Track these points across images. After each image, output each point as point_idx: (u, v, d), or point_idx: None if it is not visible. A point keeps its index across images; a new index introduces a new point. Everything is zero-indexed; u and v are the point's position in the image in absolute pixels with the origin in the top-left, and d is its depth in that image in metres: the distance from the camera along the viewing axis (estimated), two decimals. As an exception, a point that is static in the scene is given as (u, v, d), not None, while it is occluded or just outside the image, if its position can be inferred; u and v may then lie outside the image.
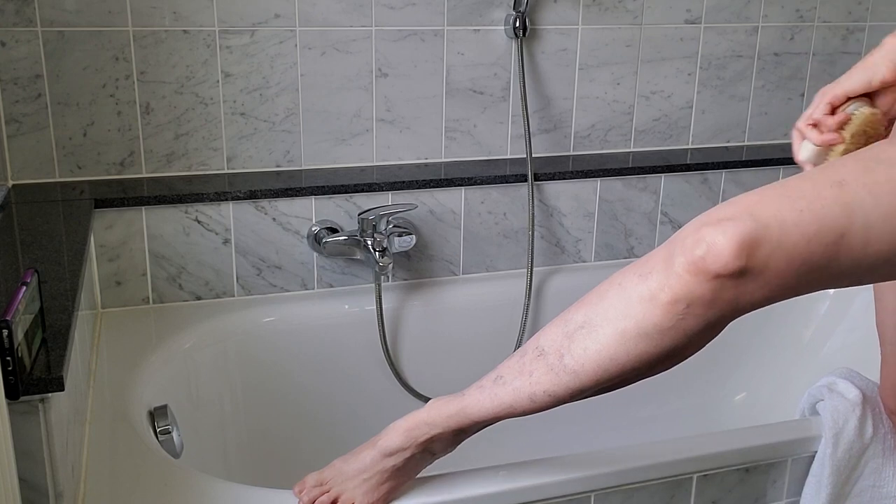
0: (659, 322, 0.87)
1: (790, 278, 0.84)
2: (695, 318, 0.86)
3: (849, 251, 0.83)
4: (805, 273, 0.84)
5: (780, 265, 0.83)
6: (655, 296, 0.86)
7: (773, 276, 0.83)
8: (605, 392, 0.99)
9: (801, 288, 0.86)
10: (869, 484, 1.28)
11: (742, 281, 0.83)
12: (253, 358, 1.61)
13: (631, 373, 0.92)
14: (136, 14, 1.54)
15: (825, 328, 1.92)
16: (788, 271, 0.83)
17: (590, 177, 1.82)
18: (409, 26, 1.70)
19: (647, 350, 0.89)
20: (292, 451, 1.64)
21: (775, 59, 1.97)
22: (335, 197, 1.65)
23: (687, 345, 0.90)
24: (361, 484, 1.07)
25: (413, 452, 1.06)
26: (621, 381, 0.94)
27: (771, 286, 0.84)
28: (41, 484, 0.94)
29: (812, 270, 0.84)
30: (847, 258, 0.83)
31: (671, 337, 0.88)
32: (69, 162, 1.58)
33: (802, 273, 0.84)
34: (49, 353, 0.94)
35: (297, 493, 1.08)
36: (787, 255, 0.82)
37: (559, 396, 0.96)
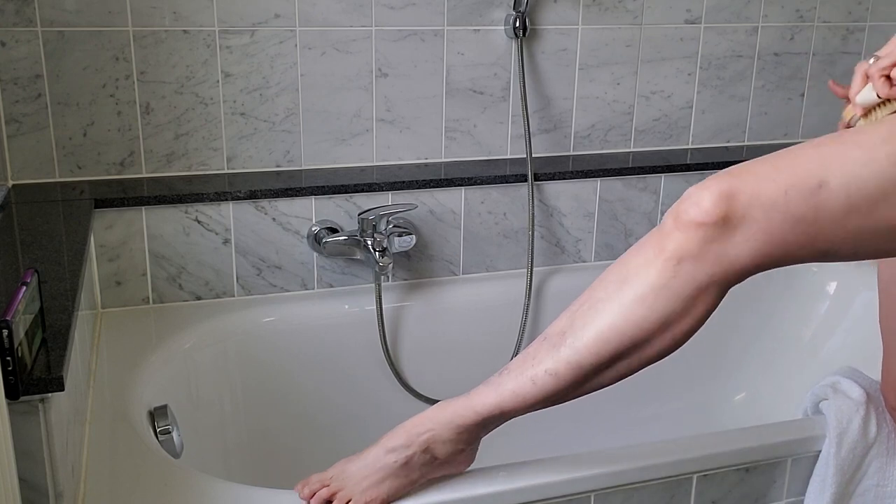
0: (653, 281, 0.90)
1: (773, 232, 0.87)
2: (686, 276, 0.89)
3: (831, 205, 0.86)
4: (789, 228, 0.87)
5: (758, 215, 0.87)
6: (649, 259, 0.91)
7: (754, 227, 0.87)
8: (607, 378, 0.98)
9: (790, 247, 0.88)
10: (873, 483, 1.28)
11: (724, 231, 0.87)
12: (253, 358, 1.61)
13: (629, 345, 0.93)
14: (136, 14, 1.54)
15: (825, 328, 1.92)
16: (769, 223, 0.86)
17: (590, 177, 1.82)
18: (409, 26, 1.70)
19: (644, 315, 0.91)
20: (292, 451, 1.64)
21: (775, 59, 1.97)
22: (335, 197, 1.65)
23: (682, 311, 0.91)
24: (361, 481, 1.07)
25: (414, 451, 1.05)
26: (620, 355, 0.95)
27: (755, 240, 0.87)
28: (41, 484, 0.94)
29: (795, 224, 0.86)
30: (830, 213, 0.86)
31: (665, 298, 0.90)
32: (69, 162, 1.58)
33: (786, 227, 0.87)
34: (49, 353, 0.94)
35: (298, 489, 1.08)
36: (765, 205, 0.86)
37: (560, 374, 0.97)
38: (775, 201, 0.87)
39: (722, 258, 0.89)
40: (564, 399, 1.01)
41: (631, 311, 0.92)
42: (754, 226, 0.87)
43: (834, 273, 1.94)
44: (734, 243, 0.88)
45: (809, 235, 0.88)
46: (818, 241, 0.88)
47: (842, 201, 0.86)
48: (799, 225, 0.87)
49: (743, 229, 0.87)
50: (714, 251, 0.89)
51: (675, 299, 0.91)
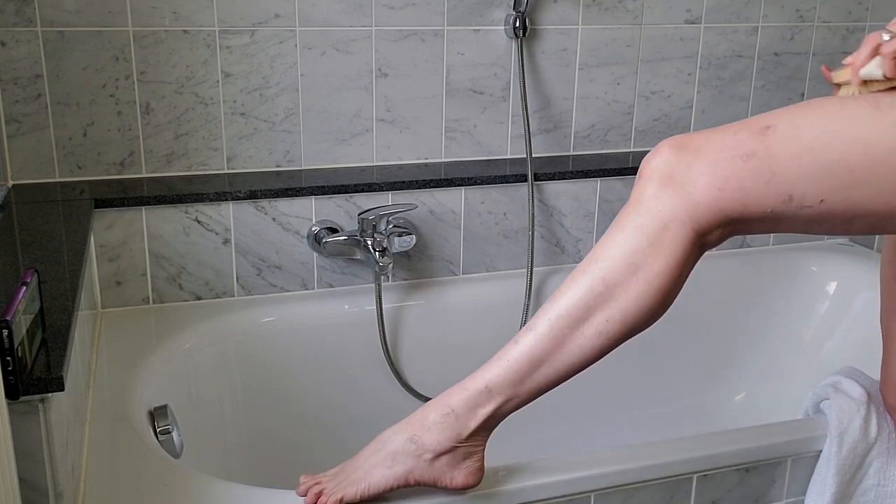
0: (618, 224, 0.97)
1: (725, 166, 0.93)
2: (648, 213, 0.95)
3: (781, 143, 0.92)
4: (741, 163, 0.92)
5: (710, 150, 0.94)
6: (621, 211, 0.99)
7: (707, 161, 0.93)
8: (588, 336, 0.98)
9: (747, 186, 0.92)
10: (873, 483, 1.28)
11: (680, 167, 0.94)
12: (253, 358, 1.61)
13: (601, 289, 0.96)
14: (136, 14, 1.54)
15: (825, 328, 1.92)
16: (720, 157, 0.93)
17: (590, 177, 1.82)
18: (409, 26, 1.70)
19: (611, 254, 0.96)
20: (292, 451, 1.64)
21: (775, 59, 1.97)
22: (335, 197, 1.65)
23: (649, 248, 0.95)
24: (350, 474, 1.04)
25: (400, 438, 1.02)
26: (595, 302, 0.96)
27: (710, 174, 0.93)
28: (41, 484, 0.94)
29: (746, 159, 0.92)
30: (781, 150, 0.91)
31: (631, 235, 0.96)
32: (69, 162, 1.58)
33: (738, 163, 0.92)
34: (49, 353, 0.94)
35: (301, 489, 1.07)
36: (716, 144, 0.94)
37: (538, 329, 0.99)
38: (724, 140, 0.94)
39: (680, 191, 0.94)
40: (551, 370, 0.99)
41: (601, 253, 0.97)
42: (707, 160, 0.94)
43: (834, 273, 1.94)
44: (691, 178, 0.94)
45: (764, 173, 0.92)
46: (777, 182, 0.92)
47: (791, 139, 0.92)
48: (750, 160, 0.92)
49: (697, 164, 0.94)
50: (673, 186, 0.95)
51: (641, 236, 0.95)
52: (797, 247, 2.01)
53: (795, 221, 0.95)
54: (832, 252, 1.99)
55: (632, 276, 0.95)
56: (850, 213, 0.93)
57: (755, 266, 1.96)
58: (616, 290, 0.96)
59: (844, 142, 0.91)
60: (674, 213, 0.94)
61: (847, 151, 0.91)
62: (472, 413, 1.02)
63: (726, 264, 1.93)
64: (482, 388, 1.01)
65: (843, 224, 0.96)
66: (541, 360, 0.99)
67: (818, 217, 0.94)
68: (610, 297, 0.96)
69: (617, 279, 0.96)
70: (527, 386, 1.01)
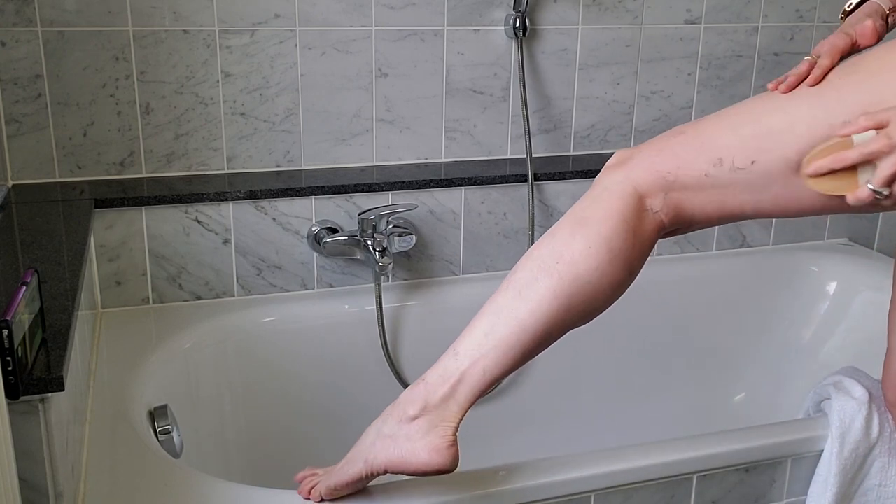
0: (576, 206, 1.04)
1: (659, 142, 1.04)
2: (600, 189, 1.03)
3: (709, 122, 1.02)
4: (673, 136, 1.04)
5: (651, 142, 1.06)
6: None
7: (648, 146, 1.05)
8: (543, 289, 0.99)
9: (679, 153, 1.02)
10: (875, 483, 1.28)
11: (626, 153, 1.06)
12: (253, 358, 1.61)
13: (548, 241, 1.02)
14: (136, 14, 1.54)
15: (825, 328, 1.92)
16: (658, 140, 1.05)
17: (590, 177, 1.80)
18: (409, 26, 1.70)
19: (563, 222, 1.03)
20: (292, 451, 1.64)
21: (775, 59, 1.97)
22: (335, 197, 1.65)
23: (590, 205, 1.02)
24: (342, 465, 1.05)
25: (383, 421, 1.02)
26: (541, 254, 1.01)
27: (647, 147, 1.04)
28: (41, 484, 0.94)
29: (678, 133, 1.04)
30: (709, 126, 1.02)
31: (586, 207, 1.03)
32: (69, 162, 1.58)
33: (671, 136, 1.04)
34: (49, 353, 0.94)
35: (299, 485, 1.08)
36: (657, 138, 1.06)
37: (500, 289, 1.02)
38: (663, 135, 1.06)
39: (623, 167, 1.04)
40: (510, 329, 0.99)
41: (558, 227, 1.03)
42: (647, 145, 1.06)
43: (834, 273, 1.94)
44: (632, 157, 1.05)
45: (693, 142, 1.02)
46: (705, 148, 1.00)
47: (717, 119, 1.02)
48: (682, 135, 1.03)
49: (639, 151, 1.05)
50: (620, 167, 1.04)
51: (583, 200, 1.04)
52: (797, 247, 2.01)
53: (736, 188, 0.99)
54: (832, 252, 1.99)
55: (577, 228, 1.00)
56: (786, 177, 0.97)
57: (755, 266, 1.96)
58: (562, 245, 1.00)
59: (765, 111, 0.99)
60: (614, 178, 1.03)
61: (768, 117, 0.98)
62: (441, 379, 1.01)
63: (726, 264, 1.93)
64: (450, 353, 1.02)
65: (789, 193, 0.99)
66: (497, 313, 1.01)
67: (758, 183, 0.98)
68: (559, 255, 1.00)
69: (563, 235, 1.01)
70: (491, 345, 1.00)
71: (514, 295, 1.01)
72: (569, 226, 1.02)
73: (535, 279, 1.00)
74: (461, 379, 1.00)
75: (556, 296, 0.99)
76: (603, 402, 1.84)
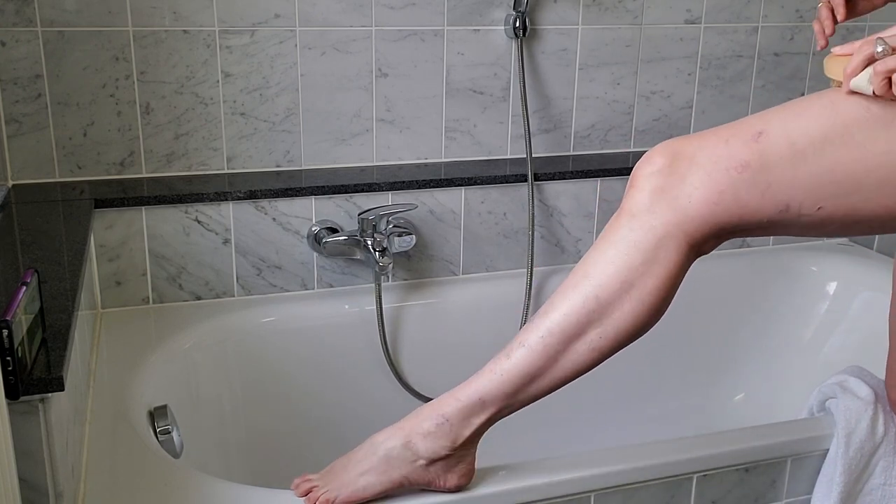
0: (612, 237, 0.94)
1: (720, 178, 0.89)
2: (642, 228, 0.92)
3: (775, 150, 0.89)
4: (736, 174, 0.89)
5: (703, 161, 0.90)
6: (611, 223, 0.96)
7: (700, 173, 0.90)
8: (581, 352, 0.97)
9: (742, 196, 0.90)
10: (879, 482, 1.28)
11: (674, 179, 0.91)
12: (253, 358, 1.61)
13: (594, 306, 0.95)
14: (136, 14, 1.54)
15: (825, 328, 1.92)
16: (715, 168, 0.90)
17: (590, 177, 1.82)
18: (409, 26, 1.70)
19: (604, 269, 0.94)
20: (292, 450, 1.64)
21: (775, 59, 1.97)
22: (335, 197, 1.65)
23: (643, 265, 0.93)
24: (342, 475, 1.04)
25: (394, 444, 1.03)
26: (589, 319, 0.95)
27: (703, 186, 0.90)
28: (41, 484, 0.94)
29: (741, 170, 0.89)
30: (775, 158, 0.88)
31: (624, 251, 0.93)
32: (69, 162, 1.58)
33: (733, 174, 0.89)
34: (49, 353, 0.94)
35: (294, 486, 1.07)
36: (709, 153, 0.90)
37: (531, 345, 0.98)
38: (716, 149, 0.91)
39: (676, 206, 0.92)
40: (544, 382, 0.99)
41: (594, 269, 0.95)
42: (701, 171, 0.90)
43: (834, 273, 1.94)
44: (685, 192, 0.91)
45: (760, 184, 0.89)
46: (773, 192, 0.90)
47: (784, 146, 0.89)
48: (745, 171, 0.89)
49: (691, 176, 0.91)
50: (666, 200, 0.92)
51: (633, 251, 0.93)
52: (797, 247, 2.01)
53: (793, 227, 0.94)
54: (832, 252, 1.99)
55: (625, 294, 0.94)
56: (849, 219, 0.92)
57: (755, 266, 1.96)
58: (609, 308, 0.95)
59: (838, 147, 0.88)
60: (667, 229, 0.92)
61: (841, 157, 0.89)
62: (466, 422, 1.03)
63: (726, 264, 1.93)
64: (475, 400, 1.01)
65: (843, 228, 0.94)
66: (533, 375, 0.99)
67: (817, 223, 0.93)
68: (603, 314, 0.95)
69: (610, 297, 0.95)
70: (520, 397, 1.01)
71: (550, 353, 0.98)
72: (618, 288, 0.94)
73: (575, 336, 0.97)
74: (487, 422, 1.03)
75: (594, 350, 0.98)
76: (603, 402, 1.84)
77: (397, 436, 1.03)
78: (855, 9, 1.13)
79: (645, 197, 0.93)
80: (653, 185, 0.92)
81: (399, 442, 1.03)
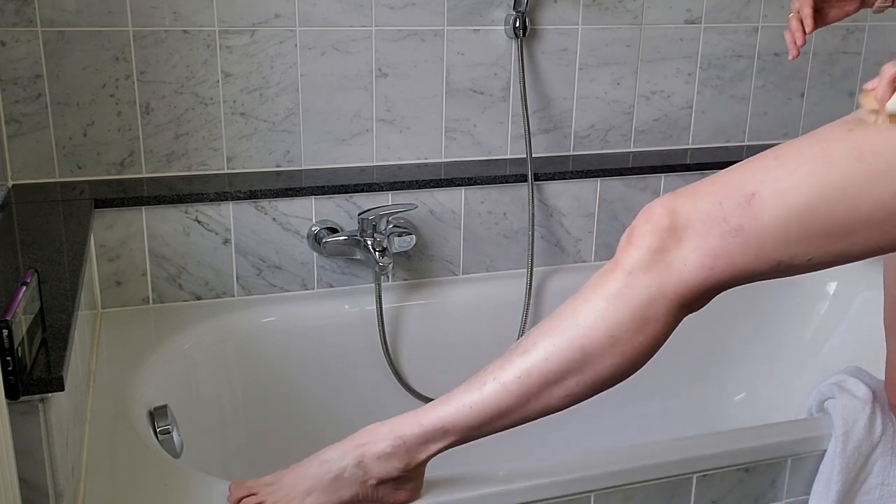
0: (605, 291, 0.93)
1: (714, 243, 0.89)
2: (636, 287, 0.92)
3: (768, 213, 0.87)
4: (730, 239, 0.89)
5: (698, 226, 0.90)
6: (604, 273, 0.94)
7: (696, 238, 0.90)
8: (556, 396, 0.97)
9: (737, 260, 0.89)
10: (877, 482, 1.28)
11: (671, 242, 0.90)
12: (253, 358, 1.61)
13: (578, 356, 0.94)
14: (136, 14, 1.54)
15: (825, 328, 1.92)
16: (709, 234, 0.89)
17: (590, 177, 1.82)
18: (409, 26, 1.70)
19: (593, 322, 0.93)
20: (292, 451, 1.64)
21: (775, 59, 1.97)
22: (335, 197, 1.65)
23: (632, 324, 0.92)
24: (288, 491, 1.03)
25: (346, 464, 1.02)
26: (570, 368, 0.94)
27: (699, 251, 0.90)
28: (41, 484, 0.94)
29: (735, 234, 0.88)
30: (768, 217, 0.87)
31: (615, 307, 0.92)
32: (69, 162, 1.58)
33: (728, 238, 0.89)
34: (49, 353, 0.94)
35: (229, 490, 1.05)
36: (703, 217, 0.89)
37: (507, 384, 0.96)
38: (711, 212, 0.90)
39: (671, 269, 0.92)
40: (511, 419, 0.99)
41: (583, 317, 0.94)
42: (696, 237, 0.90)
43: (834, 273, 1.94)
44: (680, 255, 0.91)
45: (753, 246, 0.89)
46: (767, 252, 0.89)
47: (778, 208, 0.88)
48: (739, 235, 0.89)
49: (686, 241, 0.91)
50: (662, 262, 0.92)
51: (625, 309, 0.93)
52: (797, 247, 2.01)
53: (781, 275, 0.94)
54: (832, 252, 1.99)
55: (611, 348, 0.94)
56: (839, 260, 0.92)
57: (755, 266, 1.95)
58: (592, 359, 0.95)
59: (830, 202, 0.88)
60: (662, 290, 0.92)
61: (834, 213, 0.88)
62: (423, 447, 1.02)
63: (726, 264, 1.93)
64: (438, 427, 1.00)
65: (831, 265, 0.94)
66: (502, 413, 0.98)
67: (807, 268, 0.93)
68: (585, 364, 0.95)
69: (595, 349, 0.94)
70: (483, 430, 1.01)
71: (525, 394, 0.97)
72: (605, 342, 0.93)
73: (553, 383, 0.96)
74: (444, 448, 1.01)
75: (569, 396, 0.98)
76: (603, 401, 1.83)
77: (350, 455, 1.02)
78: (825, 18, 1.15)
79: (642, 255, 0.93)
80: (650, 244, 0.92)
81: (351, 461, 1.02)
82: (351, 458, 1.02)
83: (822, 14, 1.17)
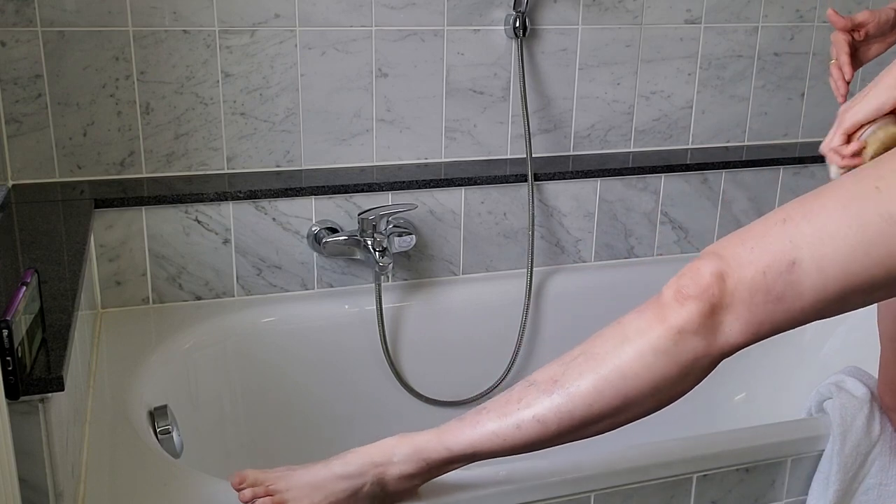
0: (654, 345, 0.94)
1: (758, 312, 0.93)
2: (686, 346, 0.94)
3: (807, 280, 0.91)
4: (772, 307, 0.93)
5: (744, 296, 0.93)
6: (651, 324, 0.95)
7: (741, 308, 0.93)
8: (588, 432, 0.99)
9: (777, 321, 0.94)
10: (875, 482, 1.28)
11: (719, 310, 0.93)
12: (253, 358, 1.61)
13: (621, 402, 0.96)
14: (136, 14, 1.54)
15: (825, 328, 1.91)
16: (753, 303, 0.93)
17: (590, 177, 1.82)
18: (409, 26, 1.70)
19: (641, 374, 0.95)
20: (292, 450, 1.64)
21: (775, 59, 1.97)
22: (335, 197, 1.65)
23: (676, 378, 0.96)
24: (303, 498, 1.02)
25: (365, 481, 1.03)
26: (611, 412, 0.97)
27: (744, 320, 0.93)
28: (41, 484, 0.94)
29: (777, 303, 0.92)
30: (808, 286, 0.91)
31: (664, 363, 0.95)
32: (69, 162, 1.58)
33: (770, 307, 0.93)
34: (49, 353, 0.94)
35: (235, 486, 1.04)
36: (749, 287, 0.93)
37: (548, 422, 0.97)
38: (756, 282, 0.93)
39: (718, 334, 0.94)
40: (538, 448, 1.00)
41: (630, 368, 0.95)
42: (742, 307, 0.93)
43: (834, 273, 1.94)
44: (727, 322, 0.94)
45: (795, 311, 0.93)
46: (805, 313, 0.93)
47: (815, 275, 0.91)
48: (781, 303, 0.93)
49: (733, 309, 0.93)
50: (710, 327, 0.94)
51: (672, 365, 0.95)
52: (797, 247, 2.01)
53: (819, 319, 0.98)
54: (832, 252, 1.99)
55: (651, 397, 0.97)
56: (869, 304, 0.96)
57: (755, 266, 1.95)
58: (632, 406, 0.97)
59: (865, 266, 0.90)
60: (708, 350, 0.95)
61: (870, 273, 0.91)
62: (446, 468, 1.04)
63: (726, 264, 1.93)
64: (468, 453, 1.01)
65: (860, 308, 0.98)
66: (534, 444, 1.00)
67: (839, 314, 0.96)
68: (624, 409, 0.97)
69: (637, 398, 0.96)
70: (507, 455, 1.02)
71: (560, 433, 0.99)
72: (648, 393, 0.96)
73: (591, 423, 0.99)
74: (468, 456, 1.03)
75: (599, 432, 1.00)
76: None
77: (371, 473, 1.03)
78: (866, 55, 1.21)
79: (692, 318, 0.94)
80: (700, 308, 0.94)
81: (371, 479, 1.03)
82: (371, 476, 1.03)
83: (862, 53, 1.22)
